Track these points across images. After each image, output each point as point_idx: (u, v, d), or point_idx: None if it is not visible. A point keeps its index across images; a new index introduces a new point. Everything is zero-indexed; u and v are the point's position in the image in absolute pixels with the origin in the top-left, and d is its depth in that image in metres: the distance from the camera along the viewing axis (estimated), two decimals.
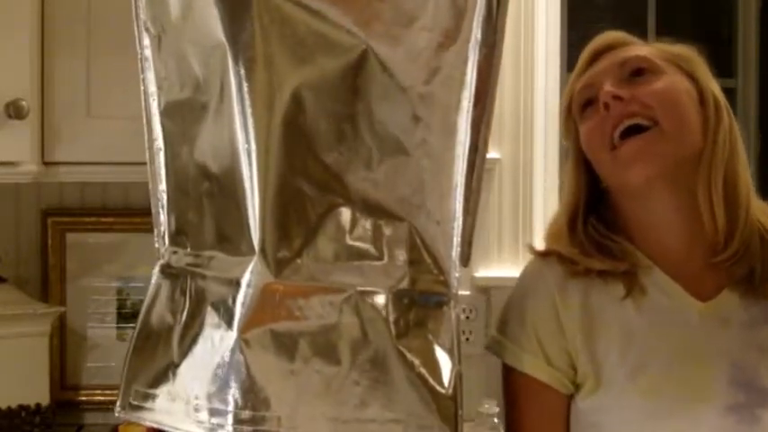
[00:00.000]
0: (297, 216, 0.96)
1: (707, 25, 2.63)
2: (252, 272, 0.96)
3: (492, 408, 1.83)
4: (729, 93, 2.49)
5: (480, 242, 1.98)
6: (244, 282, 0.96)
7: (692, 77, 1.22)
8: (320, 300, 0.96)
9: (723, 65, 2.56)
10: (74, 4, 1.70)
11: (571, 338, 1.21)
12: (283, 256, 0.96)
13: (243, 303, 0.96)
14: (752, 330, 1.20)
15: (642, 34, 1.32)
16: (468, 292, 2.02)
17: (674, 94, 1.19)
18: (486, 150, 1.06)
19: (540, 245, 1.32)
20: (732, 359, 1.18)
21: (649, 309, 1.20)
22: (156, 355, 1.05)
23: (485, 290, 2.02)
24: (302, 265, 0.96)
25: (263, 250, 0.95)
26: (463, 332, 2.01)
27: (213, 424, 0.97)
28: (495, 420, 1.82)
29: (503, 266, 2.03)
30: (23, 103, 1.58)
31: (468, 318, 2.02)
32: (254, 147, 0.95)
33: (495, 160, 2.02)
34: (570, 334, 1.21)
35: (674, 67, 1.22)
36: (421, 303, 0.97)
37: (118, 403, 1.07)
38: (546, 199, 2.06)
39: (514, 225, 2.04)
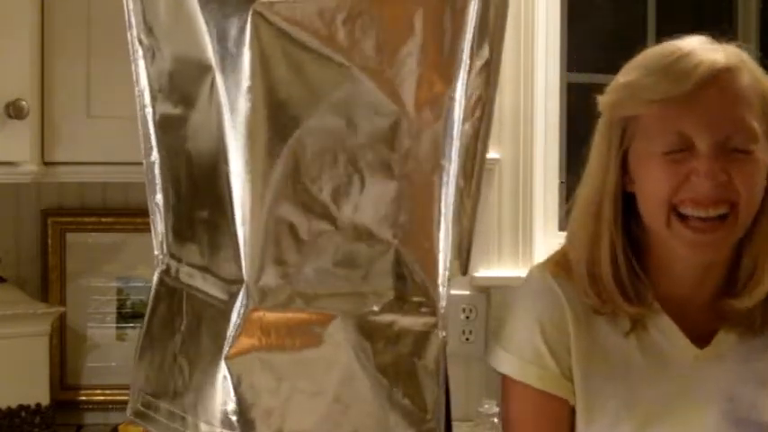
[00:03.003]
0: (283, 243, 0.96)
1: (707, 25, 2.63)
2: (239, 298, 0.96)
3: (492, 408, 1.83)
4: None
5: (480, 242, 1.98)
6: (233, 308, 0.96)
7: None
8: (306, 327, 0.96)
9: None
10: (74, 4, 1.70)
11: (573, 357, 1.20)
12: (269, 283, 0.96)
13: (231, 328, 0.96)
14: (748, 363, 1.18)
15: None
16: (467, 292, 2.02)
17: (760, 180, 1.14)
18: (485, 155, 1.06)
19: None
20: (727, 394, 1.17)
21: (648, 345, 1.19)
22: (156, 364, 1.06)
23: (485, 290, 2.03)
24: (288, 292, 0.96)
25: (249, 277, 0.95)
26: (463, 332, 2.01)
27: None
28: (495, 420, 1.82)
29: (503, 266, 2.03)
30: (23, 103, 1.58)
31: (468, 318, 2.02)
32: (242, 171, 0.94)
33: (495, 160, 2.02)
34: (572, 352, 1.20)
35: (765, 132, 1.14)
36: (407, 327, 0.97)
37: (129, 406, 1.09)
38: (546, 199, 2.06)
39: (514, 225, 2.04)
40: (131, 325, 1.99)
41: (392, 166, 0.96)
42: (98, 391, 1.99)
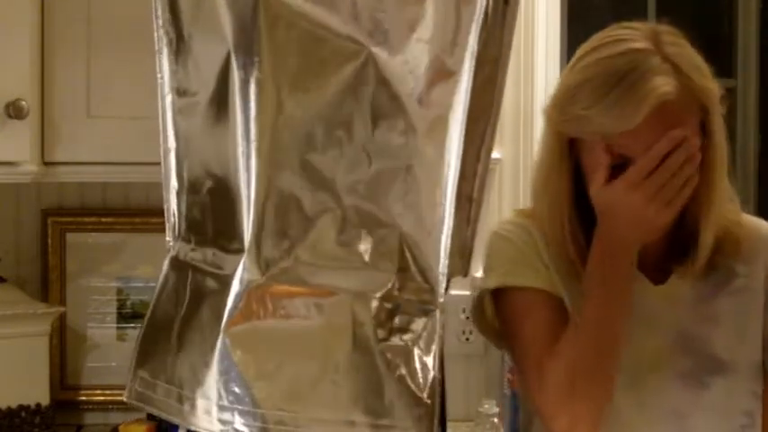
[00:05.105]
0: (287, 218, 0.98)
1: (707, 25, 2.63)
2: (242, 270, 0.99)
3: (492, 408, 1.83)
4: (729, 93, 2.49)
5: (480, 242, 1.98)
6: (234, 279, 0.99)
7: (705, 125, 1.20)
8: (305, 301, 0.98)
9: (723, 65, 2.56)
10: (74, 4, 1.70)
11: (552, 270, 1.26)
12: (272, 257, 0.99)
13: (231, 300, 0.99)
14: (700, 306, 1.25)
15: None
16: (467, 293, 2.01)
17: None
18: (488, 160, 1.07)
19: None
20: (681, 329, 1.23)
21: None
22: (159, 345, 1.08)
23: None
24: (290, 267, 0.99)
25: (253, 249, 0.98)
26: (463, 332, 2.01)
27: (201, 417, 1.00)
28: (495, 420, 1.82)
29: None
30: (23, 103, 1.58)
31: (467, 318, 2.02)
32: (252, 150, 0.97)
33: (495, 160, 2.02)
34: (551, 268, 1.25)
35: (698, 117, 1.18)
36: (406, 310, 0.99)
37: (126, 388, 1.10)
38: None
39: None
40: (131, 325, 1.99)
41: (398, 148, 0.98)
42: (98, 392, 1.99)
